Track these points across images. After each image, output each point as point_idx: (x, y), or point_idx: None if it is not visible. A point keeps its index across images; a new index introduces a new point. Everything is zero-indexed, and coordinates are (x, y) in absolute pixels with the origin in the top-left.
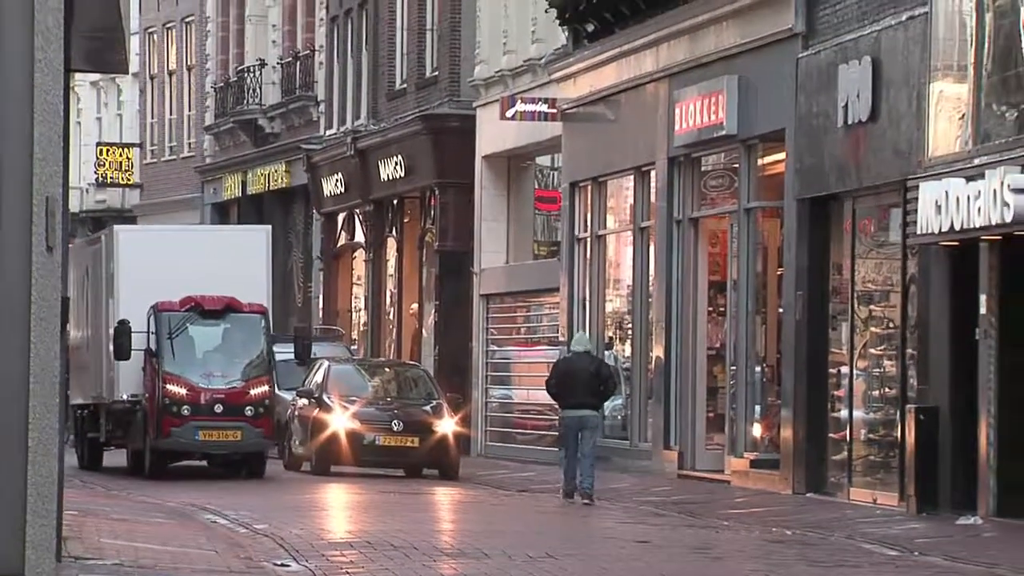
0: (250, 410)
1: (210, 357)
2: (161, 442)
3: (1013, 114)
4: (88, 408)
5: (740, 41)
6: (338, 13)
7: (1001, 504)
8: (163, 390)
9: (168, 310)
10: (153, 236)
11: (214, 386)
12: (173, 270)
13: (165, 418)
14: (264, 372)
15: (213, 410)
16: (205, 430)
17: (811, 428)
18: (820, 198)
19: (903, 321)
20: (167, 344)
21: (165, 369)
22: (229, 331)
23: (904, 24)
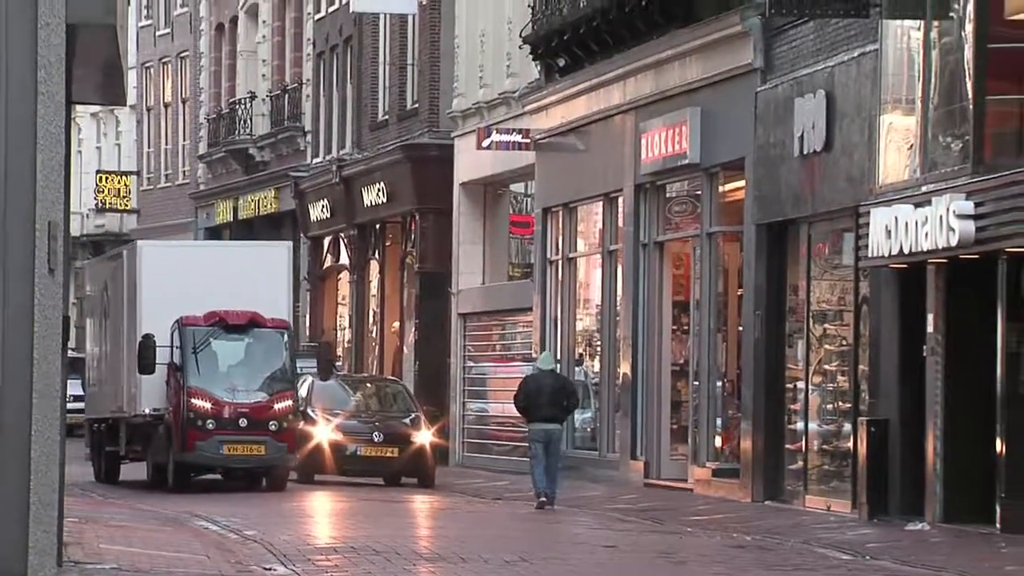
0: (274, 424)
1: (234, 371)
2: (185, 455)
3: (958, 145)
4: (106, 422)
5: (702, 75)
6: (324, 49)
7: (947, 511)
8: (188, 404)
9: (193, 324)
10: (176, 251)
11: (238, 400)
12: (195, 285)
13: (190, 431)
14: (288, 387)
15: (238, 424)
16: (229, 444)
17: (769, 439)
18: (777, 223)
19: (855, 339)
20: (192, 358)
21: (190, 383)
22: (253, 346)
23: (856, 60)
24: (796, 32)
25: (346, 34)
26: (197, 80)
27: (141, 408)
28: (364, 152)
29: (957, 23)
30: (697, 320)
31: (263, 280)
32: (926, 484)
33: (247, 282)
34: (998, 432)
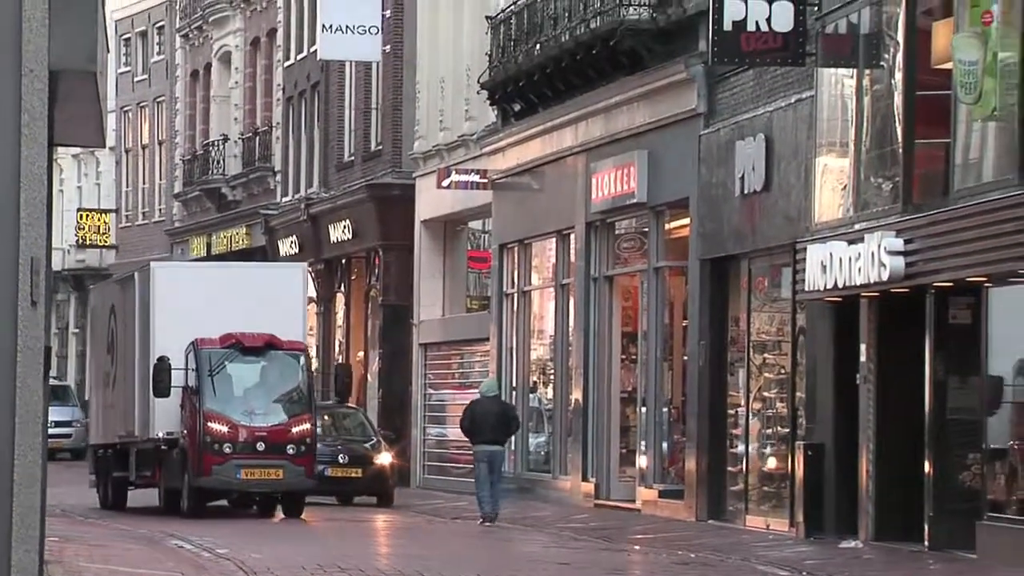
0: (292, 448)
1: (251, 394)
2: (202, 480)
3: (888, 185)
4: (113, 447)
5: (649, 120)
6: (293, 94)
7: (879, 529)
8: (204, 427)
9: (208, 347)
10: (190, 273)
11: (256, 424)
12: (209, 307)
13: (206, 455)
14: (306, 410)
15: (255, 448)
16: (247, 468)
17: (712, 462)
18: (720, 259)
19: (793, 367)
20: (208, 381)
21: (206, 406)
22: (269, 368)
23: (793, 106)
24: (737, 79)
25: (314, 80)
26: (173, 123)
27: (155, 432)
28: (331, 191)
29: (887, 71)
30: (644, 350)
31: (278, 302)
32: (859, 504)
33: (262, 304)
34: (926, 455)
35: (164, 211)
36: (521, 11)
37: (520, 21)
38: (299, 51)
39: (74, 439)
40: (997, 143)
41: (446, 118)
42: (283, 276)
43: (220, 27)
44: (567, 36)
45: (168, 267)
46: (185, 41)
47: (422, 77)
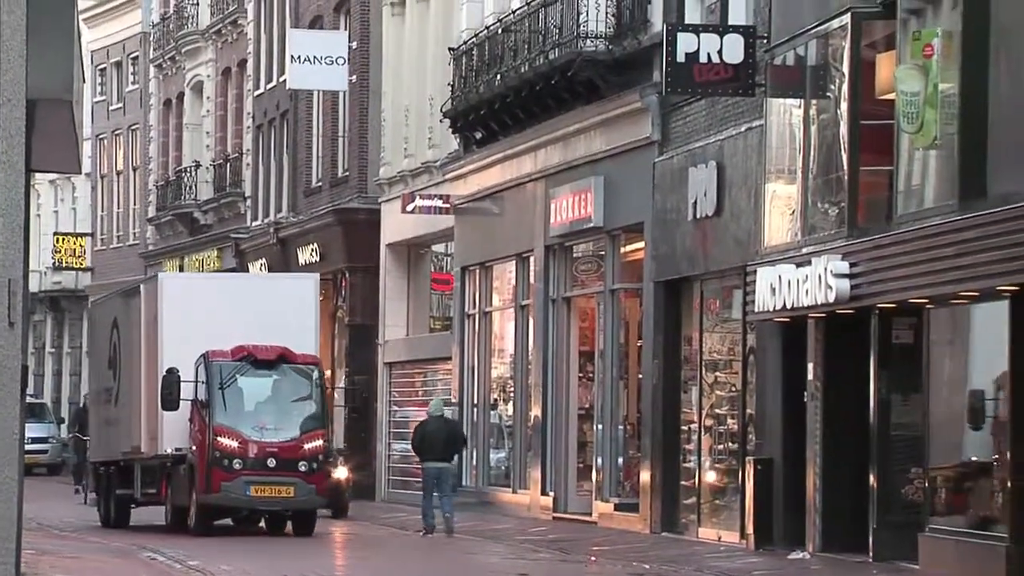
0: (304, 465)
1: (262, 409)
2: (210, 497)
3: (834, 211)
4: (116, 464)
5: (605, 147)
6: (263, 122)
7: (825, 541)
8: (213, 442)
9: (219, 359)
10: (199, 284)
11: (267, 439)
12: (219, 319)
13: (215, 471)
14: (319, 426)
15: (266, 464)
16: (257, 485)
17: (666, 476)
18: (673, 281)
19: (743, 385)
20: (218, 394)
21: (216, 420)
22: (282, 382)
23: (743, 134)
24: (690, 109)
25: (283, 108)
26: (147, 150)
27: (163, 448)
28: (299, 215)
29: (833, 102)
30: (601, 368)
31: (291, 314)
32: (807, 517)
33: (274, 316)
34: (871, 469)
35: (138, 235)
36: (482, 43)
37: (481, 52)
38: (268, 81)
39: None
40: (938, 171)
41: (410, 145)
42: (295, 287)
43: (192, 58)
44: (527, 67)
45: (177, 278)
46: (159, 71)
47: (387, 106)
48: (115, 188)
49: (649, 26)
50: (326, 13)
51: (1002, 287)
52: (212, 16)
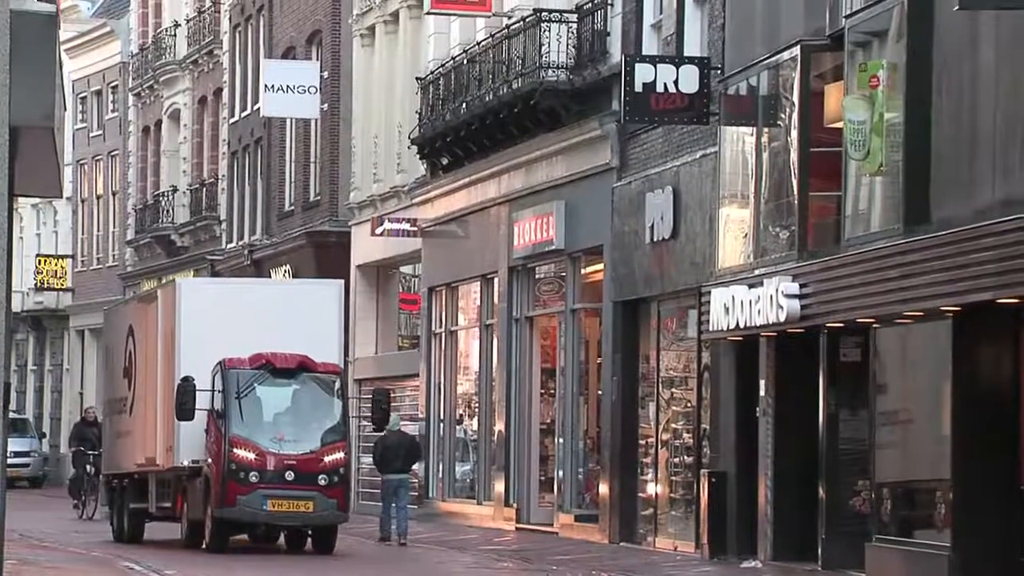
0: (324, 479)
1: (281, 419)
2: (225, 511)
3: (785, 234)
4: (129, 477)
5: (566, 173)
6: (237, 148)
7: (776, 550)
8: (229, 454)
9: (237, 367)
10: (218, 289)
11: (285, 451)
12: (238, 326)
13: (231, 485)
14: (339, 437)
15: (284, 477)
16: (274, 499)
17: (624, 489)
18: (631, 301)
19: (698, 401)
20: (235, 404)
21: (232, 431)
22: (302, 392)
23: (699, 160)
24: (647, 136)
25: (257, 135)
26: (126, 175)
27: (179, 460)
28: (272, 238)
29: (784, 130)
30: (562, 385)
31: (312, 321)
32: (758, 527)
33: (295, 323)
34: (820, 482)
35: (117, 256)
36: (449, 72)
37: (448, 82)
38: (243, 109)
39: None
40: (883, 196)
41: (379, 171)
42: (317, 293)
43: (170, 87)
44: (491, 96)
45: (195, 283)
46: (137, 99)
47: (357, 133)
48: (95, 212)
49: (608, 57)
50: (299, 44)
51: (945, 307)
52: (189, 47)
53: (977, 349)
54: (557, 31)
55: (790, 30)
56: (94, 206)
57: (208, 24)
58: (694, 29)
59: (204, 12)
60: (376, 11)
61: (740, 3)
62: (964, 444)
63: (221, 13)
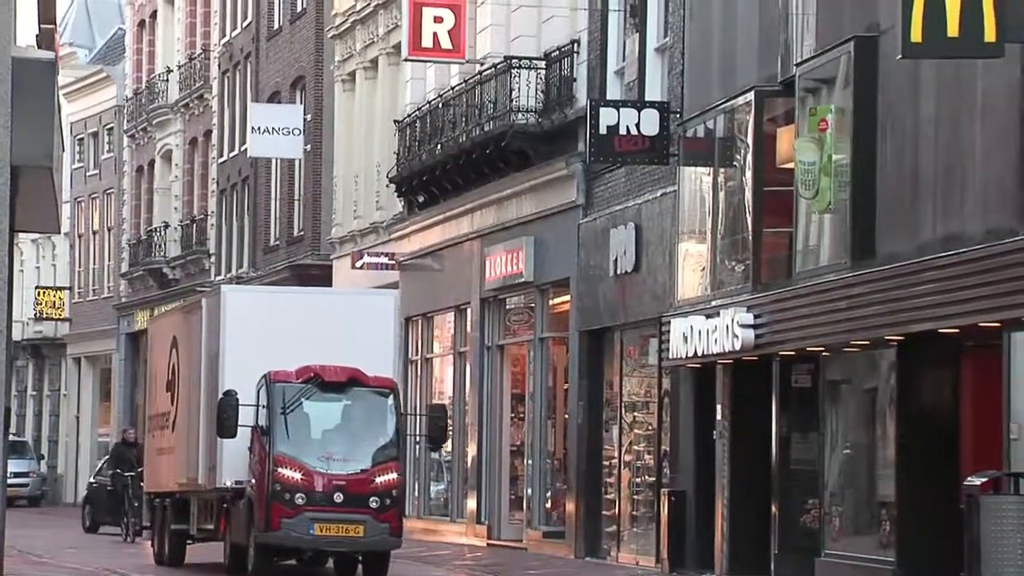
0: (375, 501)
1: (330, 437)
2: (269, 536)
3: (740, 267)
4: (171, 496)
5: (535, 210)
6: (226, 186)
7: (732, 564)
8: (274, 474)
9: (283, 381)
10: (265, 298)
11: (334, 471)
12: (286, 336)
13: (275, 507)
14: (392, 457)
15: (332, 499)
16: (321, 523)
17: (589, 507)
18: (596, 330)
19: (659, 424)
20: (280, 420)
21: (277, 449)
22: (352, 408)
23: (659, 199)
24: (611, 176)
25: (244, 174)
26: (120, 212)
27: (222, 480)
28: (258, 271)
29: (739, 170)
30: (531, 409)
31: (365, 333)
32: (715, 542)
33: (347, 334)
34: (773, 500)
35: (112, 288)
36: (424, 115)
37: (424, 124)
38: (231, 149)
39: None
40: (832, 232)
41: (359, 208)
42: (371, 304)
43: (163, 129)
44: (464, 137)
45: (241, 291)
46: (132, 140)
47: (338, 172)
48: (91, 246)
49: (574, 101)
50: (283, 88)
51: (889, 337)
52: (180, 91)
53: (919, 376)
54: (526, 77)
55: (745, 77)
56: (90, 241)
57: (198, 70)
58: (655, 75)
59: (195, 59)
60: (356, 58)
61: (698, 51)
62: (907, 465)
63: (211, 60)
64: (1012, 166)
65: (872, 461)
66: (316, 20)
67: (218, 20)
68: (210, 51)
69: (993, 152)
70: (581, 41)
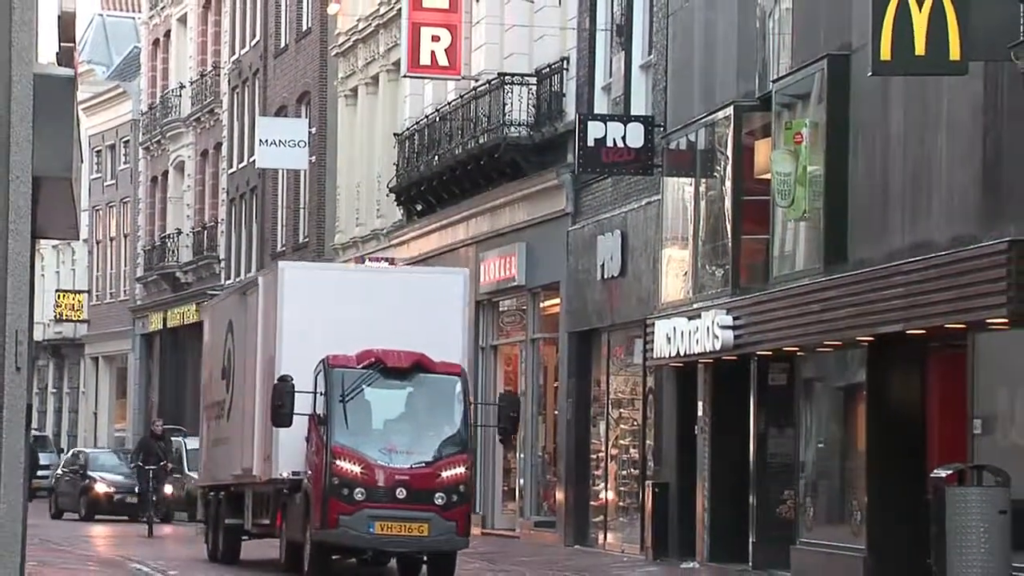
0: (441, 497)
1: (392, 427)
2: (326, 533)
3: (720, 272)
4: (226, 489)
5: (527, 218)
6: (235, 195)
7: (712, 552)
8: (332, 467)
9: (342, 366)
10: (325, 276)
11: (396, 464)
12: (347, 318)
13: (332, 502)
14: (460, 449)
15: (394, 495)
16: (382, 521)
17: (578, 498)
18: (584, 331)
19: (644, 420)
20: (339, 409)
21: (336, 440)
22: (417, 395)
23: (644, 207)
24: (598, 186)
25: (252, 184)
26: (136, 220)
27: (278, 471)
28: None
29: (719, 180)
30: (523, 406)
31: (432, 314)
32: (696, 532)
33: (412, 316)
34: (750, 492)
35: (128, 292)
36: (423, 129)
37: (422, 137)
38: (240, 161)
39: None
40: (806, 239)
41: (361, 215)
42: (439, 283)
43: (175, 141)
44: (460, 149)
45: (299, 268)
46: (147, 152)
47: (341, 182)
48: (108, 252)
49: (564, 115)
50: (289, 103)
51: (860, 337)
52: (192, 106)
53: (889, 375)
54: (519, 92)
55: (724, 93)
56: (107, 247)
57: (209, 86)
58: (639, 91)
59: (206, 75)
60: (358, 74)
61: (680, 68)
62: (877, 459)
63: (221, 76)
64: (975, 177)
65: (844, 455)
66: (320, 39)
67: (228, 39)
68: (220, 68)
69: (957, 164)
70: (570, 59)
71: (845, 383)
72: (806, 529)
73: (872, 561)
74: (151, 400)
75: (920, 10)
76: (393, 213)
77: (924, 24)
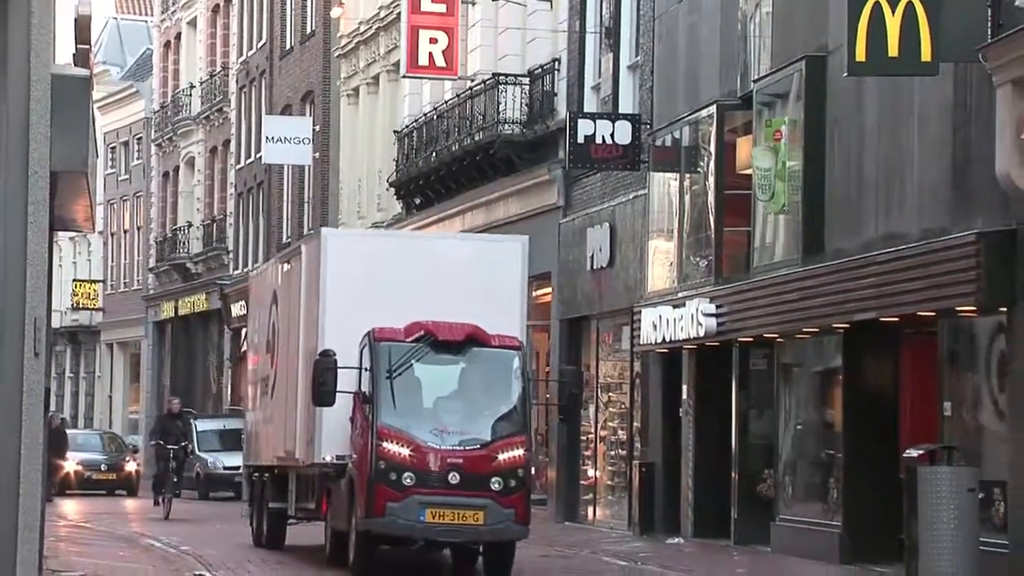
0: (497, 482)
1: (444, 406)
2: (372, 522)
3: (704, 263)
4: (270, 471)
5: (520, 211)
6: (243, 190)
7: (696, 528)
8: (378, 449)
9: (389, 340)
10: (372, 242)
11: (448, 446)
12: (395, 288)
13: (379, 488)
14: (518, 430)
15: (447, 480)
16: (434, 508)
17: (569, 477)
18: (575, 319)
19: (631, 403)
20: (386, 386)
21: (382, 421)
22: (471, 371)
23: (631, 201)
24: (588, 180)
25: (259, 179)
26: (148, 213)
27: (321, 454)
28: None
29: (703, 176)
30: None
31: (488, 284)
32: (681, 509)
33: (466, 286)
34: (732, 471)
35: (141, 281)
36: (421, 126)
37: (420, 134)
38: (248, 157)
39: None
40: (786, 231)
41: (362, 209)
42: (496, 251)
43: (186, 138)
44: (457, 146)
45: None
46: (159, 149)
47: (344, 177)
48: (123, 243)
49: (555, 114)
50: (294, 102)
51: (836, 325)
52: (202, 104)
53: (863, 360)
54: (512, 92)
55: (708, 92)
56: (122, 239)
57: (218, 85)
58: (627, 91)
59: (215, 76)
60: (360, 75)
61: (666, 69)
62: (852, 440)
63: (229, 76)
64: (945, 172)
65: (821, 436)
66: (324, 41)
67: (236, 41)
68: (229, 69)
69: (928, 160)
70: (561, 60)
71: (822, 368)
72: (785, 506)
73: (847, 536)
74: (163, 384)
75: (893, 14)
76: (393, 206)
77: (897, 27)
